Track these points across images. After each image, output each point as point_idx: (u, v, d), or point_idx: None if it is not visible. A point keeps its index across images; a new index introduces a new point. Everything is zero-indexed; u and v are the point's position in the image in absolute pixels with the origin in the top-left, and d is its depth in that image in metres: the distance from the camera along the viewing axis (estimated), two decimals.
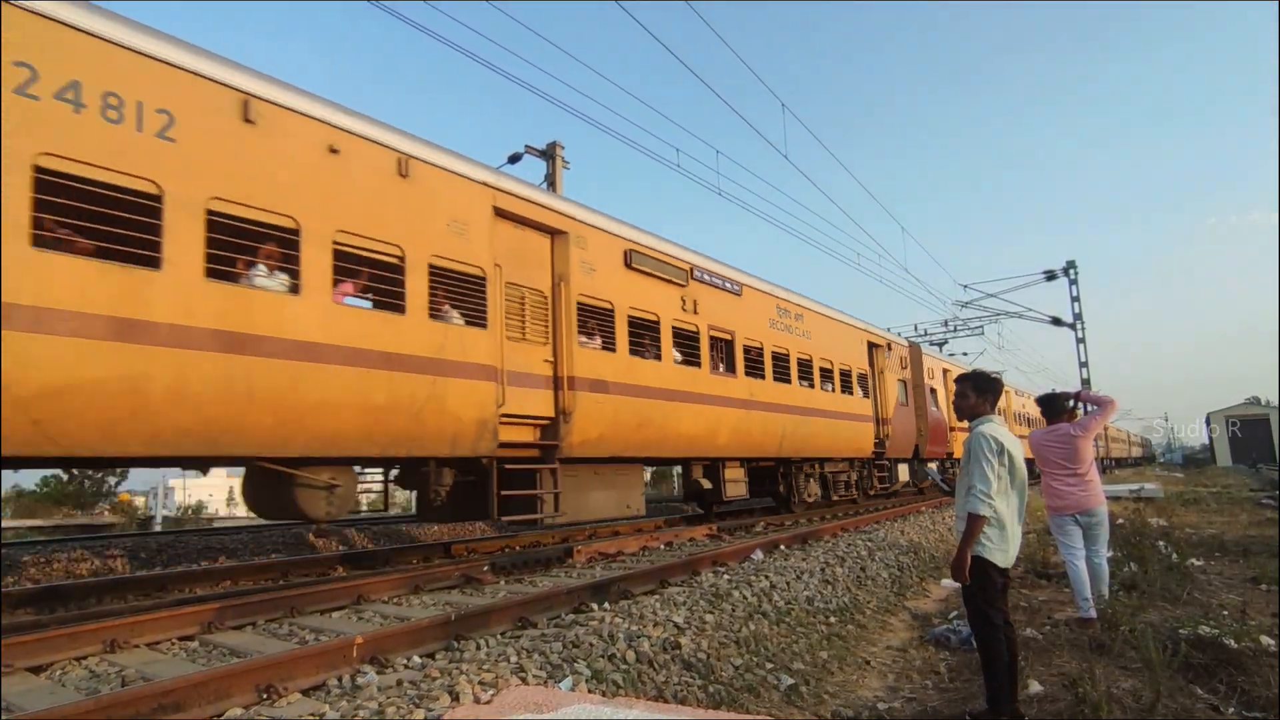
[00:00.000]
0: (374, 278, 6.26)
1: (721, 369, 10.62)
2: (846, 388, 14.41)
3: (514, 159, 13.98)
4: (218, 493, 42.02)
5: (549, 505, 7.52)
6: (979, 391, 3.99)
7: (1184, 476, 36.49)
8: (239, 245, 5.23)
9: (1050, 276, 24.58)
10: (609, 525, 11.41)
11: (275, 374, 5.27)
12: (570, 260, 8.00)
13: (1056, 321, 24.87)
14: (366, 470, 7.48)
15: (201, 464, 5.70)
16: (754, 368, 11.28)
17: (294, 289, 5.49)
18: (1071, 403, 6.26)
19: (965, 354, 32.15)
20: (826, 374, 13.77)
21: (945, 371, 19.91)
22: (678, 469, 17.86)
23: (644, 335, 9.20)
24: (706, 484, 10.89)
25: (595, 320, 8.37)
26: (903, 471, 17.83)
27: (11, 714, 3.44)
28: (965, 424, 4.13)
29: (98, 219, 4.56)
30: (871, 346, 15.92)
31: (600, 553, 8.71)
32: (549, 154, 14.26)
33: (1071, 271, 24.38)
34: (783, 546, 8.79)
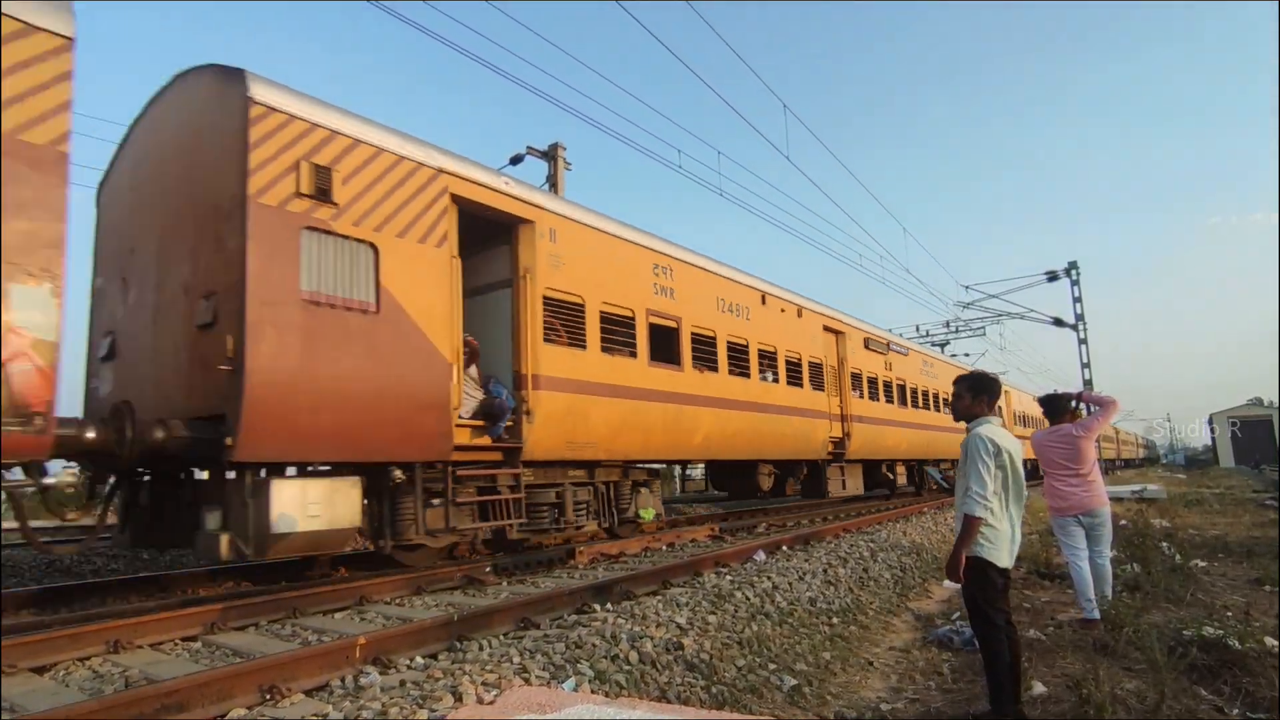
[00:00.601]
0: (789, 369, 12.27)
1: (899, 403, 17.01)
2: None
3: (515, 160, 13.95)
4: None
5: (835, 485, 13.80)
6: (974, 392, 3.97)
7: (1186, 477, 36.42)
8: (765, 363, 11.67)
9: (1052, 277, 24.48)
10: None
11: (778, 422, 11.70)
12: (846, 348, 14.65)
13: (1058, 322, 24.77)
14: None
15: (752, 465, 12.42)
16: (913, 401, 17.93)
17: (774, 380, 11.78)
18: (1073, 403, 6.25)
19: (967, 355, 32.17)
20: (943, 401, 19.68)
21: (1005, 393, 24.77)
22: (677, 470, 26.85)
23: (871, 386, 15.65)
24: (889, 475, 17.00)
25: (854, 381, 14.75)
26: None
27: (14, 714, 3.44)
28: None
29: (734, 360, 10.82)
30: None
31: (602, 553, 8.70)
32: (550, 155, 14.26)
33: (1073, 272, 24.26)
34: (785, 548, 8.78)
